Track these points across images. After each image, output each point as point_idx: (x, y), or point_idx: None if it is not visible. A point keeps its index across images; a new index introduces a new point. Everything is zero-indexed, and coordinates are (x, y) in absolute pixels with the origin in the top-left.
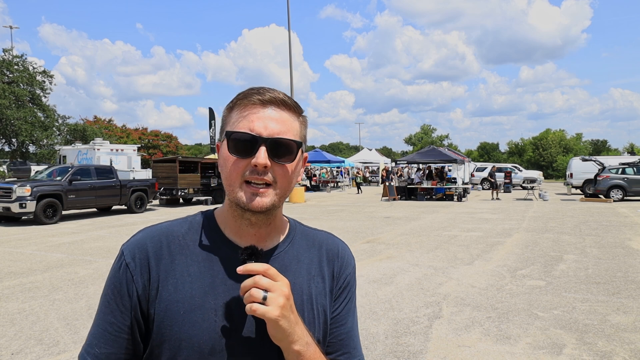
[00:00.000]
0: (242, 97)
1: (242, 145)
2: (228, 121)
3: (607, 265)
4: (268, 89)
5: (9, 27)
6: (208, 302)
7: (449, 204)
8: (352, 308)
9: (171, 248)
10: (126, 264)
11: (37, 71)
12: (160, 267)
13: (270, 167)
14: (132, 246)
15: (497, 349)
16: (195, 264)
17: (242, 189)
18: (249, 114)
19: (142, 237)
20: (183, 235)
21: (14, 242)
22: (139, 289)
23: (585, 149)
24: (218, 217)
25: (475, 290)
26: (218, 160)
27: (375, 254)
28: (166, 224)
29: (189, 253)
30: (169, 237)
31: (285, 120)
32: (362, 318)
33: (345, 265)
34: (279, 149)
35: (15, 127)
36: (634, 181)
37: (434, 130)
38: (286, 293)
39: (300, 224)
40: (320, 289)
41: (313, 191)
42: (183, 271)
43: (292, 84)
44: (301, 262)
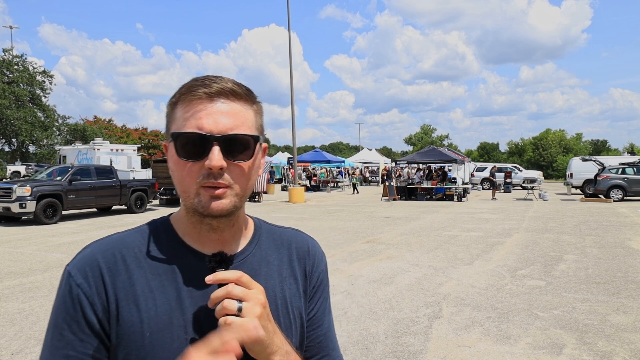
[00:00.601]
0: (186, 92)
1: (191, 147)
2: (172, 120)
3: (607, 265)
4: (214, 78)
5: (9, 27)
6: (176, 319)
7: (449, 204)
8: (327, 307)
9: (127, 262)
10: (77, 286)
11: (37, 71)
12: (117, 285)
13: (227, 168)
14: (81, 264)
15: (497, 349)
16: (157, 278)
17: (199, 194)
18: (196, 110)
19: (91, 253)
20: (139, 247)
21: (14, 242)
22: (98, 312)
23: (585, 149)
24: (175, 224)
25: (475, 290)
26: (168, 164)
27: (375, 254)
28: (117, 236)
29: (148, 266)
30: (122, 250)
31: (237, 113)
32: (362, 318)
33: (318, 263)
34: (234, 147)
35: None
36: (634, 181)
37: (434, 130)
38: (262, 301)
39: (266, 223)
40: (294, 291)
41: (313, 191)
42: (144, 287)
43: (292, 84)
44: (271, 264)
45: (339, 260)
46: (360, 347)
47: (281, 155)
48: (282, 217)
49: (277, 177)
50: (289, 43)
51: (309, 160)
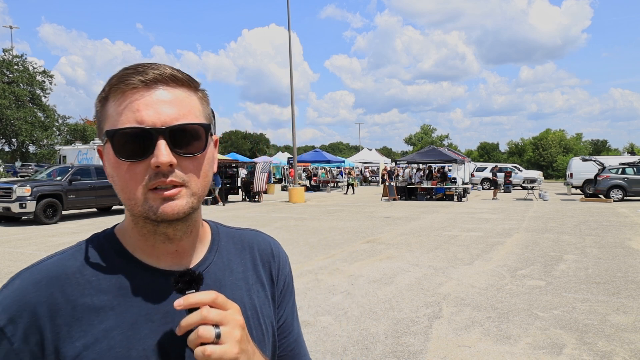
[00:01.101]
0: (117, 82)
1: (132, 145)
2: (105, 117)
3: (607, 265)
4: (149, 65)
5: (9, 27)
6: (135, 351)
7: (449, 204)
8: (295, 311)
9: (67, 292)
10: (1, 330)
11: (37, 71)
12: (57, 323)
13: (177, 164)
14: (9, 302)
15: (497, 349)
16: (107, 305)
17: (147, 199)
18: (132, 101)
19: (21, 287)
20: (80, 271)
21: (14, 242)
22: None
23: (585, 149)
24: (122, 237)
25: (475, 290)
26: (104, 169)
27: (375, 254)
28: (52, 261)
29: (95, 292)
30: (61, 277)
31: (181, 100)
32: (362, 318)
33: (283, 265)
34: (182, 139)
35: (15, 127)
36: (634, 181)
37: (434, 130)
38: (241, 322)
39: (222, 225)
40: (262, 299)
41: (313, 191)
42: (92, 319)
43: (292, 84)
44: (235, 272)
45: (339, 260)
46: (360, 347)
47: (281, 155)
48: (282, 217)
49: (277, 177)
50: (289, 43)
51: (309, 160)
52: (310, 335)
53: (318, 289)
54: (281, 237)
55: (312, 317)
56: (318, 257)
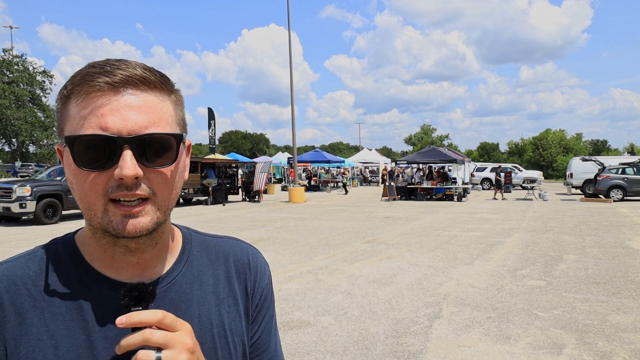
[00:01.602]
0: (81, 81)
1: (94, 154)
2: (66, 118)
3: (607, 265)
4: (117, 64)
5: (9, 27)
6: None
7: (449, 204)
8: (272, 327)
9: (17, 302)
10: None
11: (37, 71)
12: (4, 335)
13: (143, 176)
14: None
15: (497, 349)
16: (59, 319)
17: (107, 211)
18: (97, 105)
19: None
20: (33, 280)
21: (14, 242)
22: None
23: (585, 149)
24: (81, 245)
25: (475, 290)
26: (65, 174)
27: (375, 254)
28: (4, 267)
29: (47, 304)
30: (10, 286)
31: (152, 107)
32: (362, 318)
33: (260, 277)
34: (150, 150)
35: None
36: (634, 181)
37: (434, 130)
38: (189, 345)
39: (197, 233)
40: (233, 314)
41: (313, 191)
42: (41, 332)
43: (292, 84)
44: (205, 284)
45: (339, 260)
46: (360, 347)
47: (281, 155)
48: (282, 217)
49: (277, 177)
50: (289, 43)
51: (309, 160)
52: (310, 335)
53: (318, 289)
54: (281, 237)
55: (312, 317)
56: (318, 257)
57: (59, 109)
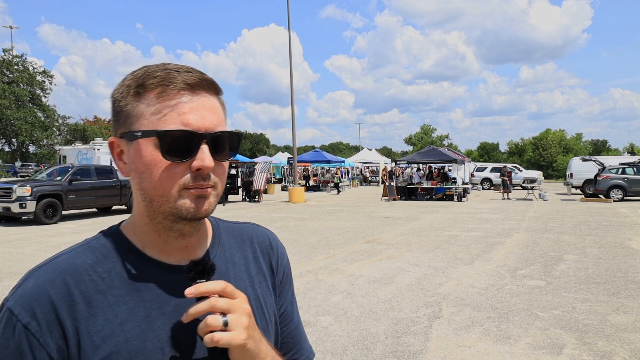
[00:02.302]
0: (161, 82)
1: (178, 146)
2: (139, 113)
3: (607, 265)
4: (187, 67)
5: (9, 27)
6: (150, 342)
7: (449, 204)
8: (294, 300)
9: (82, 288)
10: (23, 327)
11: (37, 71)
12: (75, 317)
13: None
14: (26, 299)
15: (497, 349)
16: (121, 299)
17: (181, 197)
18: (178, 102)
19: (37, 285)
20: (92, 267)
21: (14, 242)
22: (52, 353)
23: (585, 149)
24: (131, 234)
25: (475, 290)
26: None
27: (375, 254)
28: (64, 258)
29: (107, 288)
30: (74, 274)
31: (217, 108)
32: (362, 318)
33: (281, 256)
34: (219, 146)
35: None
36: (634, 181)
37: (434, 130)
38: (248, 310)
39: (222, 220)
40: (264, 289)
41: (313, 191)
42: (107, 313)
43: (292, 84)
44: (237, 264)
45: (339, 260)
46: (360, 347)
47: (281, 155)
48: (282, 217)
49: (277, 177)
50: (289, 43)
51: (309, 160)
52: (310, 335)
53: (318, 289)
54: (281, 237)
55: (312, 317)
56: (318, 257)
57: (126, 104)
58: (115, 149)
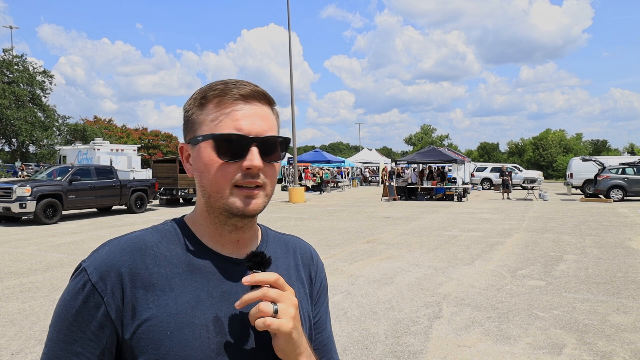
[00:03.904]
0: (220, 93)
1: (231, 148)
2: (201, 120)
3: (607, 265)
4: (243, 82)
5: (9, 27)
6: (197, 319)
7: (449, 204)
8: (328, 312)
9: (146, 261)
10: (92, 285)
11: (37, 71)
12: (136, 284)
13: (262, 168)
14: (99, 262)
15: (497, 349)
16: (176, 277)
17: (233, 194)
18: (232, 110)
19: (109, 251)
20: (157, 246)
21: (14, 242)
22: (112, 312)
23: (585, 149)
24: (192, 225)
25: (475, 290)
26: (187, 165)
27: (375, 254)
28: (135, 234)
29: (167, 264)
30: (141, 248)
31: (268, 116)
32: (362, 318)
33: (320, 269)
34: (268, 149)
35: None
36: (634, 181)
37: (434, 130)
38: (296, 303)
39: (271, 230)
40: (302, 294)
41: (313, 191)
42: (164, 286)
43: (292, 84)
44: (279, 268)
45: (339, 260)
46: (360, 347)
47: None
48: (282, 217)
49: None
50: (289, 43)
51: (309, 160)
52: None
53: None
54: None
55: None
56: None
57: (193, 113)
58: (184, 153)
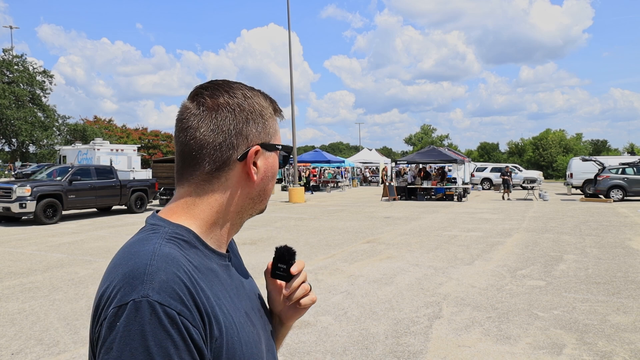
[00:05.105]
0: (276, 110)
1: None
2: (276, 129)
3: (607, 265)
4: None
5: (9, 27)
6: (239, 312)
7: (449, 204)
8: None
9: (194, 275)
10: (178, 314)
11: (37, 71)
12: (202, 301)
13: None
14: (168, 288)
15: (497, 349)
16: (212, 285)
17: None
18: (278, 128)
19: (170, 272)
20: (186, 258)
21: (14, 242)
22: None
23: (585, 149)
24: (197, 227)
25: (475, 290)
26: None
27: (375, 254)
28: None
29: (203, 275)
30: (185, 263)
31: None
32: (362, 318)
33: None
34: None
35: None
36: (634, 181)
37: (434, 130)
38: None
39: None
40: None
41: (313, 191)
42: (215, 293)
43: (292, 84)
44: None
45: (339, 260)
46: (360, 347)
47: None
48: (282, 217)
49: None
50: (289, 43)
51: (309, 160)
52: (310, 336)
53: (318, 289)
54: (281, 237)
55: (312, 317)
56: (318, 257)
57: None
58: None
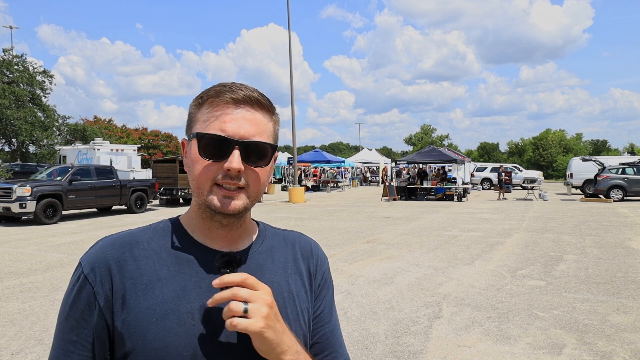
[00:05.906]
0: (214, 95)
1: (214, 148)
2: (196, 119)
3: (607, 265)
4: (240, 86)
5: (9, 27)
6: (182, 306)
7: (449, 204)
8: (333, 306)
9: (135, 254)
10: (85, 277)
11: (37, 71)
12: (124, 275)
13: (244, 171)
14: (91, 257)
15: (497, 349)
16: (164, 268)
17: (212, 192)
18: (222, 113)
19: (101, 247)
20: (147, 241)
21: (14, 242)
22: (100, 301)
23: (585, 149)
24: (184, 221)
25: (475, 290)
26: (184, 159)
27: (375, 254)
28: (128, 232)
29: (157, 257)
30: (131, 243)
31: (259, 122)
32: (362, 318)
33: (321, 263)
34: (252, 153)
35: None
36: (634, 181)
37: (434, 130)
38: (269, 301)
39: (270, 226)
40: (299, 286)
41: (313, 191)
42: (152, 276)
43: (292, 84)
44: (276, 261)
45: (339, 260)
46: (360, 347)
47: (281, 155)
48: (282, 217)
49: (276, 177)
50: (289, 43)
51: (309, 160)
52: None
53: None
54: None
55: None
56: None
57: (192, 112)
58: (184, 147)
